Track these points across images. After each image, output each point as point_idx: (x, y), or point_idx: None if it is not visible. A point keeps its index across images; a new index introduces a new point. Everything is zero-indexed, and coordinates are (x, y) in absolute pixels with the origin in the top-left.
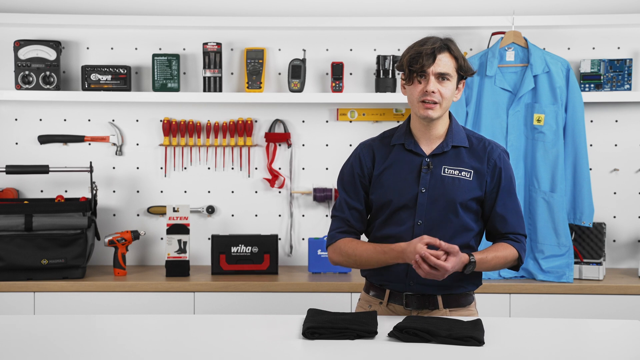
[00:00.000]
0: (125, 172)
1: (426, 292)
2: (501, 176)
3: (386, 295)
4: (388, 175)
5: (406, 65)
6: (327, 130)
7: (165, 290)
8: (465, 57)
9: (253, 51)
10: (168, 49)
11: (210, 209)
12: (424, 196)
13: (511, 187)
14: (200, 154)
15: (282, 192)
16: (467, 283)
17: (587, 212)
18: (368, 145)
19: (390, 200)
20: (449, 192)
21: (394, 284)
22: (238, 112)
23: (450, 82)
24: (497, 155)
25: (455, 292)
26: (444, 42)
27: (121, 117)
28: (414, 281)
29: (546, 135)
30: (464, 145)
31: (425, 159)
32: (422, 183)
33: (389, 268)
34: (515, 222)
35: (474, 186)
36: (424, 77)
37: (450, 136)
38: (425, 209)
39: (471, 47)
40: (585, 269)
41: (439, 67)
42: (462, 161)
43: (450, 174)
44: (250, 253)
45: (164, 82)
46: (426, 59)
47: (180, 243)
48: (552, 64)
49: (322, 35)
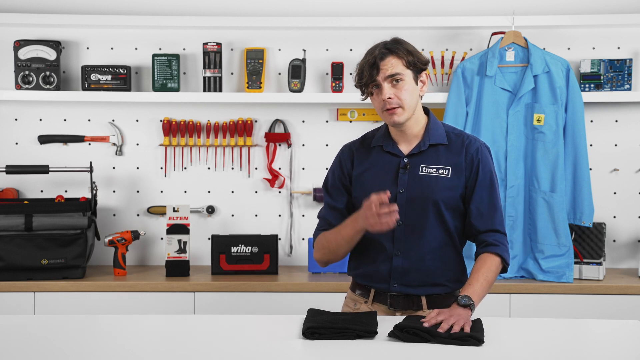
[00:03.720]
0: (125, 172)
1: (410, 293)
2: (478, 169)
3: (371, 294)
4: (368, 177)
5: (357, 82)
6: (327, 130)
7: (165, 290)
8: (415, 51)
9: (253, 51)
10: (168, 49)
11: (210, 209)
12: (403, 196)
13: (489, 181)
14: (200, 154)
15: (282, 192)
16: (451, 281)
17: (587, 212)
18: (348, 147)
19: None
20: (428, 191)
21: (377, 284)
22: (238, 112)
23: (404, 82)
24: (474, 148)
25: (439, 292)
26: (386, 47)
27: (121, 117)
28: (398, 282)
29: (546, 135)
30: (443, 143)
31: (403, 159)
32: (401, 183)
33: (373, 268)
34: (492, 217)
35: (454, 183)
36: (378, 87)
37: (427, 135)
38: (404, 209)
39: (471, 47)
40: (585, 269)
41: (386, 71)
42: (440, 159)
43: (428, 173)
44: (250, 253)
45: (164, 82)
46: (370, 70)
47: (180, 243)
48: (552, 64)
49: (322, 35)
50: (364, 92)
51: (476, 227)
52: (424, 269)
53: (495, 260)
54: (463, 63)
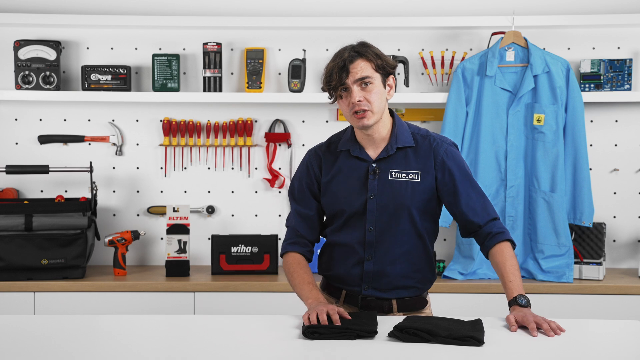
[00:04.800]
0: (125, 172)
1: (381, 296)
2: (452, 170)
3: (342, 295)
4: (337, 183)
5: (325, 85)
6: (327, 130)
7: (165, 291)
8: (383, 54)
9: (253, 51)
10: (168, 49)
11: (210, 209)
12: (373, 202)
13: (466, 175)
14: (200, 154)
15: (282, 192)
16: (421, 282)
17: (587, 212)
18: (315, 152)
19: (342, 209)
20: (399, 197)
21: (349, 288)
22: (238, 112)
23: (373, 85)
24: (443, 150)
25: (409, 295)
26: (355, 50)
27: (121, 117)
28: (369, 286)
29: (546, 135)
30: (410, 145)
31: (372, 164)
32: (370, 189)
33: (344, 271)
34: (486, 208)
35: (425, 187)
36: (347, 90)
37: (394, 138)
38: (375, 215)
39: (471, 47)
40: (585, 269)
41: (356, 74)
42: (409, 163)
43: (397, 178)
44: (250, 253)
45: (164, 82)
46: (340, 74)
47: (180, 243)
48: (552, 64)
49: (322, 35)
50: (332, 96)
51: (476, 223)
52: (395, 272)
53: (509, 247)
54: (463, 63)
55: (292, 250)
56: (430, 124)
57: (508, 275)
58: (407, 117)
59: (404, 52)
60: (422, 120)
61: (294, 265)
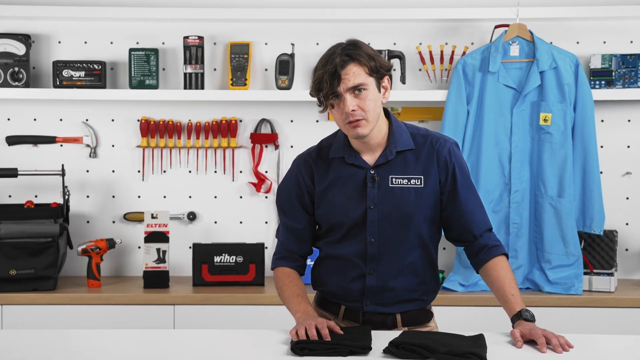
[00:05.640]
0: (100, 175)
1: (384, 311)
2: (455, 173)
3: (341, 311)
4: (333, 193)
5: (315, 93)
6: (318, 131)
7: (143, 303)
8: (376, 54)
9: (237, 45)
10: (146, 43)
11: (192, 215)
12: (374, 212)
13: (468, 179)
14: (180, 157)
15: (268, 197)
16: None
17: (597, 219)
18: (304, 160)
19: (340, 222)
20: (402, 205)
21: (349, 303)
22: (221, 111)
23: (367, 91)
24: (446, 151)
25: (414, 308)
26: (346, 53)
27: (95, 117)
28: (371, 301)
29: (553, 135)
30: (410, 148)
31: (370, 171)
32: (370, 198)
33: (343, 286)
34: (484, 217)
35: (429, 192)
36: (339, 97)
37: (392, 141)
38: (376, 225)
39: (472, 41)
40: (596, 280)
41: (349, 82)
42: (410, 167)
43: (399, 184)
44: (235, 263)
45: (142, 79)
46: (331, 81)
47: (159, 252)
48: (559, 59)
49: (312, 28)
50: (321, 104)
51: (472, 232)
52: (400, 286)
53: (506, 261)
54: (464, 58)
55: (282, 265)
56: (429, 124)
57: (510, 290)
58: (403, 116)
59: (400, 47)
60: (419, 120)
61: (283, 279)
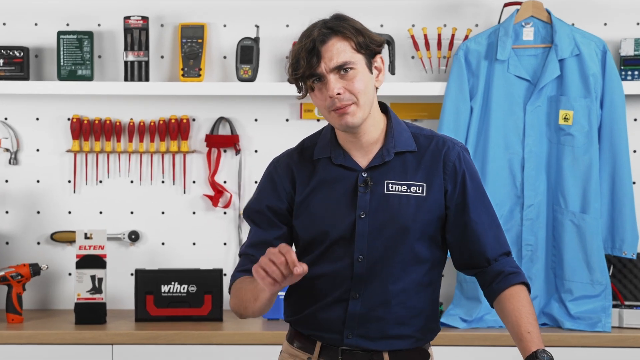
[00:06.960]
0: (22, 186)
1: (368, 347)
2: (466, 183)
3: (317, 348)
4: (316, 200)
5: (291, 75)
6: (288, 132)
7: (74, 343)
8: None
9: (190, 28)
10: (78, 24)
11: (134, 235)
12: (364, 223)
13: (482, 194)
14: (120, 163)
15: (227, 212)
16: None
17: (629, 240)
18: (284, 163)
19: (324, 233)
20: (398, 216)
21: (326, 335)
22: (170, 108)
23: (355, 70)
24: (455, 155)
25: (405, 346)
26: (327, 26)
27: (16, 115)
28: (353, 333)
29: (576, 138)
30: (411, 149)
31: (362, 173)
32: (361, 206)
33: (320, 313)
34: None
35: (432, 204)
36: (321, 80)
37: (390, 139)
38: (367, 239)
39: (477, 22)
40: (627, 314)
41: (332, 60)
42: (411, 172)
43: (395, 191)
44: (187, 293)
45: (73, 69)
46: (309, 59)
47: (95, 280)
48: (583, 44)
49: (281, 6)
50: (301, 88)
51: (485, 257)
52: (389, 316)
53: (526, 291)
54: (466, 43)
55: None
56: (423, 123)
57: (526, 326)
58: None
59: (389, 30)
60: (412, 119)
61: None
